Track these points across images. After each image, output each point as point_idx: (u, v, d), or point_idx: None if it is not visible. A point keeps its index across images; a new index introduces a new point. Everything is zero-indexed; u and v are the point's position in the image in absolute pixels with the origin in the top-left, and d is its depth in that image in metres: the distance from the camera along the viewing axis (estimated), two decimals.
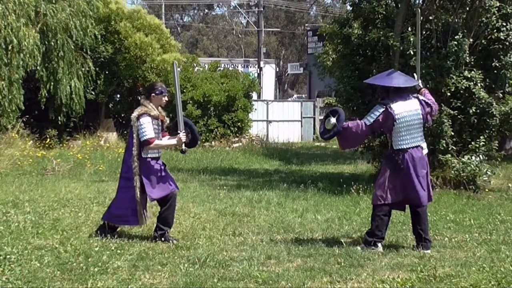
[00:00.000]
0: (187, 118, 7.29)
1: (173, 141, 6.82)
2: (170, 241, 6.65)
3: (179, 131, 6.78)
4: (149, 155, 6.69)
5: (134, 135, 6.63)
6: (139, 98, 21.64)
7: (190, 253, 6.16)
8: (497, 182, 12.00)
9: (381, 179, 6.60)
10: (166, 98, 6.85)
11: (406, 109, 6.48)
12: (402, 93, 6.53)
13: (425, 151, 6.58)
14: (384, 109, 6.46)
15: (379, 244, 6.48)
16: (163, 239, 6.66)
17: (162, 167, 6.79)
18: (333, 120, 6.57)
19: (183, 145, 6.80)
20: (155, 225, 6.87)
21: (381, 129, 6.61)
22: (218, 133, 21.57)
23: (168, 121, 6.96)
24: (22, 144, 15.50)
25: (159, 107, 6.80)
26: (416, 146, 6.48)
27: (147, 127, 6.58)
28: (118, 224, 6.95)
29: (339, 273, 5.50)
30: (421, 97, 6.68)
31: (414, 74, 7.10)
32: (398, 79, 6.66)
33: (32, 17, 15.57)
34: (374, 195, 6.68)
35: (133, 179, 6.61)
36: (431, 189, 6.70)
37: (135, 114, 6.66)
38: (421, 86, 6.91)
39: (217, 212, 8.68)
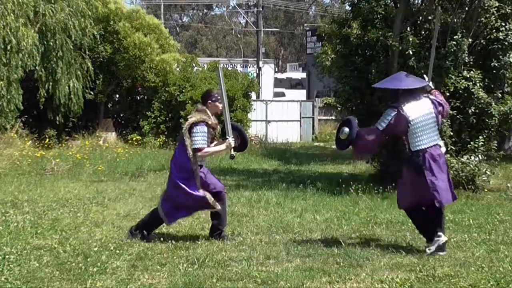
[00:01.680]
0: (235, 122, 7.19)
1: (222, 147, 6.85)
2: (226, 239, 6.75)
3: (227, 137, 6.80)
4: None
5: (187, 139, 6.59)
6: (138, 98, 21.84)
7: (189, 253, 6.15)
8: (496, 182, 11.99)
9: (403, 183, 6.58)
10: (221, 106, 6.87)
11: (419, 110, 6.43)
12: (412, 94, 6.47)
13: (443, 149, 6.53)
14: (396, 112, 6.39)
15: (442, 240, 6.34)
16: (220, 238, 6.76)
17: (206, 172, 6.80)
18: (346, 129, 6.56)
19: (232, 150, 6.84)
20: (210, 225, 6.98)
21: (395, 132, 6.52)
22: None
23: (219, 129, 6.96)
24: (21, 144, 15.50)
25: (214, 115, 6.81)
26: (434, 145, 6.43)
27: (201, 136, 6.58)
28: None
29: (338, 273, 5.50)
30: (432, 97, 6.63)
31: (425, 76, 7.03)
32: (407, 81, 6.61)
33: (31, 17, 15.58)
34: (398, 199, 6.75)
35: (194, 179, 6.56)
36: (453, 187, 6.59)
37: (192, 120, 6.63)
38: (432, 87, 6.82)
39: None
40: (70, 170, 13.47)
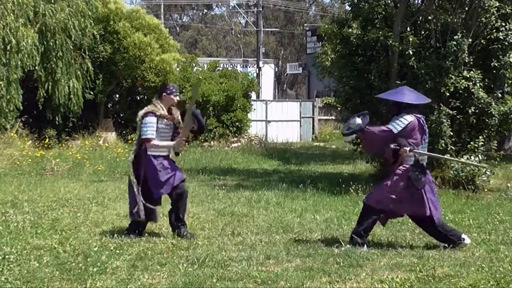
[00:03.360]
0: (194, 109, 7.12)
1: (172, 143, 6.86)
2: (189, 236, 6.78)
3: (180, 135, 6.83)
4: (152, 152, 6.77)
5: (137, 132, 6.81)
6: (138, 98, 21.85)
7: (189, 253, 6.15)
8: (496, 182, 12.00)
9: (390, 188, 6.45)
10: (177, 98, 6.94)
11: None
12: (413, 110, 6.44)
13: None
14: (413, 118, 6.33)
15: (365, 246, 6.49)
16: (182, 235, 6.79)
17: (167, 165, 6.79)
18: (358, 120, 6.46)
19: (179, 148, 6.95)
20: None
21: (410, 139, 6.31)
22: (217, 133, 21.56)
23: (181, 123, 6.92)
24: (21, 144, 15.51)
25: (172, 107, 6.87)
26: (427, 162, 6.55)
27: (149, 127, 6.71)
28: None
29: (338, 273, 5.50)
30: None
31: None
32: (410, 96, 6.59)
33: (31, 17, 15.58)
34: (374, 196, 6.61)
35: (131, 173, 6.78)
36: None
37: (141, 112, 6.81)
38: None
39: (216, 212, 8.67)
40: (70, 170, 13.47)
